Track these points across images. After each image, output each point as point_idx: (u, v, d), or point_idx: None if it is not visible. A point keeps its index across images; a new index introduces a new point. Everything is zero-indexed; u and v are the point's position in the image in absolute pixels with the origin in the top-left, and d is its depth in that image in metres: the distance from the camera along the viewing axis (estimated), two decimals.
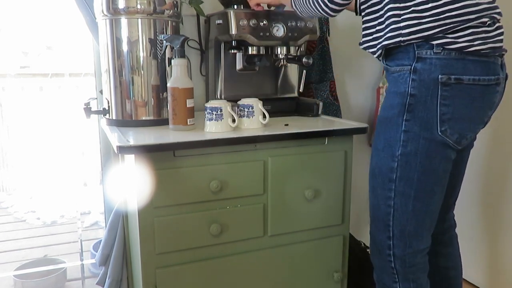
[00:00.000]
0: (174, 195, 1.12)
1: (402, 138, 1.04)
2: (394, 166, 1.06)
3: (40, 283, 1.90)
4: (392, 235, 1.11)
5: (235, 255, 1.23)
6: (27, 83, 3.70)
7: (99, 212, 2.96)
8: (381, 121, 1.11)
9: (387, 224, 1.11)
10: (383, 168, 1.09)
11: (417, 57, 1.01)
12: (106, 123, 1.36)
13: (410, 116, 1.03)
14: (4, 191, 3.69)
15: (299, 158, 1.24)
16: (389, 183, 1.08)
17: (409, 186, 1.06)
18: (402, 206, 1.08)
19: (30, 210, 3.19)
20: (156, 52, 1.29)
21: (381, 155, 1.09)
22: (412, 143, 1.03)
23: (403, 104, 1.03)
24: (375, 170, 1.12)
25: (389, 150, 1.07)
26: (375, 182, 1.13)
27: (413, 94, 1.02)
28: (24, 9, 3.56)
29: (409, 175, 1.05)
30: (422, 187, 1.06)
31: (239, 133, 1.18)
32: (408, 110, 1.03)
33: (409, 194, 1.07)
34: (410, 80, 1.02)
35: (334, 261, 1.36)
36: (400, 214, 1.09)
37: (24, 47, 3.79)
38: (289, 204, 1.25)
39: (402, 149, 1.04)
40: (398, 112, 1.04)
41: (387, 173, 1.08)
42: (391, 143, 1.06)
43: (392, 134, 1.06)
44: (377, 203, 1.13)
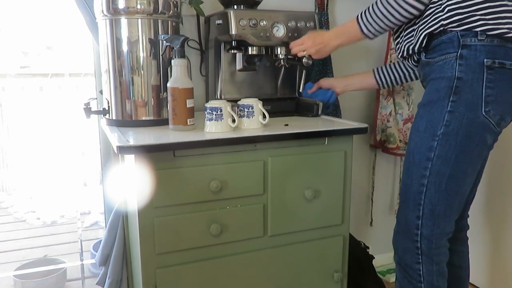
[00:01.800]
0: (174, 195, 1.12)
1: (446, 118, 1.10)
2: (433, 145, 1.12)
3: (40, 283, 1.90)
4: (421, 214, 1.17)
5: (235, 255, 1.23)
6: (27, 83, 3.70)
7: (99, 212, 2.96)
8: (424, 104, 1.16)
9: (418, 203, 1.17)
10: (422, 148, 1.14)
11: (462, 45, 1.08)
12: (106, 123, 1.36)
13: (456, 98, 1.09)
14: (4, 191, 3.69)
15: (299, 158, 1.24)
16: (426, 161, 1.14)
17: (445, 164, 1.12)
18: (435, 184, 1.14)
19: (30, 210, 3.19)
20: (156, 52, 1.29)
21: (421, 135, 1.15)
22: (455, 122, 1.09)
23: (450, 87, 1.10)
24: (414, 150, 1.17)
25: (431, 130, 1.12)
26: (411, 161, 1.18)
27: (460, 77, 1.08)
28: (24, 9, 3.56)
29: (447, 154, 1.11)
30: (457, 166, 1.12)
31: (239, 133, 1.18)
32: (455, 92, 1.09)
33: (444, 172, 1.13)
34: (457, 65, 1.09)
35: (334, 261, 1.36)
36: (432, 193, 1.14)
37: (24, 47, 3.79)
38: (289, 204, 1.25)
39: (444, 128, 1.10)
40: (444, 95, 1.11)
41: (425, 152, 1.14)
42: (433, 123, 1.12)
43: (436, 115, 1.12)
44: (410, 182, 1.18)
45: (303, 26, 1.42)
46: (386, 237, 2.21)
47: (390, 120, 1.91)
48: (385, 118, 1.92)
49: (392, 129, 1.91)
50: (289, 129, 1.24)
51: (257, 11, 1.42)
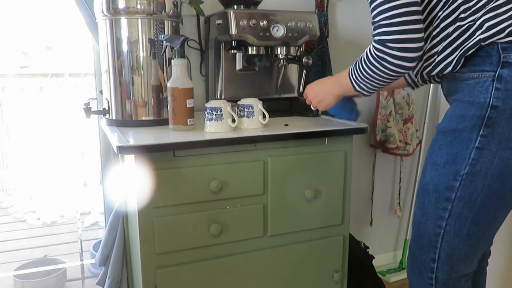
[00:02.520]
0: (174, 195, 1.12)
1: (472, 156, 0.92)
2: (455, 185, 0.95)
3: (40, 283, 1.90)
4: (437, 257, 1.02)
5: (235, 255, 1.23)
6: (27, 83, 3.70)
7: (99, 212, 2.96)
8: (445, 132, 0.97)
9: (433, 246, 1.01)
10: (441, 186, 0.97)
11: (502, 62, 0.87)
12: (106, 123, 1.36)
13: (488, 132, 0.90)
14: (4, 191, 3.69)
15: (299, 158, 1.24)
16: (445, 202, 0.97)
17: (469, 208, 0.95)
18: (455, 228, 0.98)
19: (30, 210, 3.20)
20: (156, 52, 1.29)
21: (440, 170, 0.97)
22: (484, 162, 0.91)
23: (481, 117, 0.90)
24: (429, 185, 1.00)
25: (452, 167, 0.95)
26: (426, 198, 1.01)
27: (496, 106, 0.88)
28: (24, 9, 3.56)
29: (471, 197, 0.94)
30: (484, 211, 0.95)
31: (239, 133, 1.18)
32: (487, 124, 0.89)
33: (467, 216, 0.96)
34: (493, 89, 0.88)
35: (334, 261, 1.36)
36: (451, 237, 0.99)
37: (24, 47, 3.79)
38: (289, 204, 1.25)
39: (469, 168, 0.92)
40: (472, 126, 0.91)
41: (444, 192, 0.97)
42: (456, 159, 0.94)
43: (459, 149, 0.93)
44: (425, 221, 1.02)
45: (303, 26, 1.42)
46: (386, 237, 2.23)
47: (390, 120, 1.91)
48: (385, 118, 1.92)
49: (392, 129, 1.91)
50: (289, 129, 1.24)
51: (257, 11, 1.42)
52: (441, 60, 0.97)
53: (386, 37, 0.94)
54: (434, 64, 0.99)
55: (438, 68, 0.98)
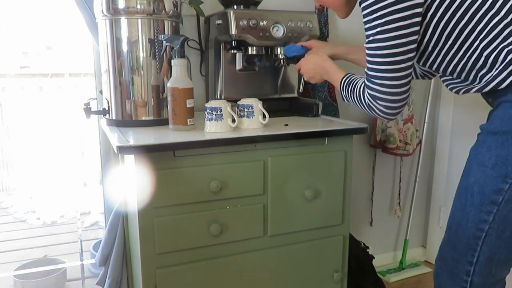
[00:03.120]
0: (174, 195, 1.12)
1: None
2: (504, 188, 0.93)
3: (40, 283, 1.90)
4: (476, 261, 0.99)
5: (235, 255, 1.23)
6: (27, 83, 3.70)
7: (99, 212, 2.96)
8: (496, 133, 0.95)
9: (472, 249, 0.99)
10: (487, 188, 0.95)
11: None
12: (106, 123, 1.36)
13: None
14: (4, 191, 3.69)
15: (299, 158, 1.24)
16: (490, 205, 0.95)
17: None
18: (498, 231, 0.95)
19: (30, 210, 3.19)
20: (156, 52, 1.29)
21: (487, 172, 0.95)
22: None
23: None
24: (474, 186, 0.98)
25: (502, 169, 0.92)
26: (469, 199, 0.99)
27: None
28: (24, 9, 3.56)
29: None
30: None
31: (239, 133, 1.18)
32: None
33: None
34: None
35: (334, 261, 1.36)
36: (493, 241, 0.96)
37: (24, 47, 3.79)
38: (289, 204, 1.25)
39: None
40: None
41: (490, 194, 0.94)
42: (507, 161, 0.92)
43: (510, 151, 0.92)
44: (465, 223, 0.99)
45: (303, 26, 1.42)
46: (386, 237, 2.23)
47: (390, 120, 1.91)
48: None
49: (392, 129, 1.91)
50: (289, 129, 1.24)
51: (257, 11, 1.42)
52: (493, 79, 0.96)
53: (378, 94, 1.02)
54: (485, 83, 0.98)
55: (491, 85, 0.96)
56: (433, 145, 2.21)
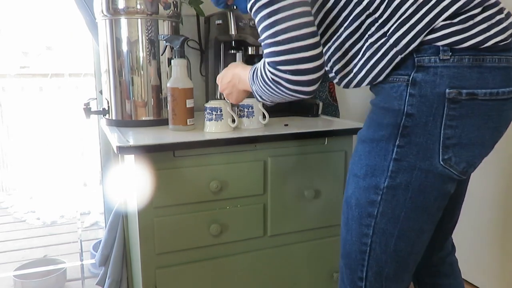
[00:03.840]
0: (174, 195, 1.12)
1: (390, 168, 0.84)
2: (376, 200, 0.86)
3: (40, 283, 1.90)
4: (365, 276, 0.93)
5: (235, 255, 1.23)
6: (27, 83, 3.70)
7: (99, 212, 2.96)
8: (363, 141, 0.89)
9: (360, 264, 0.93)
10: (362, 200, 0.89)
11: (417, 66, 0.80)
12: (106, 123, 1.36)
13: (404, 142, 0.82)
14: (4, 191, 3.69)
15: (299, 158, 1.24)
16: (368, 218, 0.89)
17: (392, 223, 0.87)
18: (381, 245, 0.89)
19: (30, 210, 3.19)
20: (156, 52, 1.29)
21: (360, 183, 0.89)
22: (403, 174, 0.83)
23: (396, 125, 0.82)
24: (351, 200, 0.91)
25: (372, 180, 0.86)
26: (349, 213, 0.93)
27: (410, 113, 0.80)
28: (24, 9, 3.57)
29: (394, 212, 0.86)
30: (409, 225, 0.87)
31: (239, 133, 1.18)
32: (402, 134, 0.82)
33: (392, 232, 0.88)
34: (407, 95, 0.80)
35: (334, 261, 1.36)
36: (378, 255, 0.90)
37: (24, 47, 3.79)
38: (289, 204, 1.25)
39: (389, 181, 0.85)
40: (388, 135, 0.84)
41: (365, 207, 0.88)
42: (375, 172, 0.86)
43: (377, 161, 0.85)
44: (350, 238, 0.93)
45: None
46: None
47: None
48: None
49: None
50: (289, 129, 1.24)
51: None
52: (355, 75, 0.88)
53: (275, 58, 0.82)
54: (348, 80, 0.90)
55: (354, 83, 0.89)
56: None
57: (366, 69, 0.85)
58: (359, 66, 0.86)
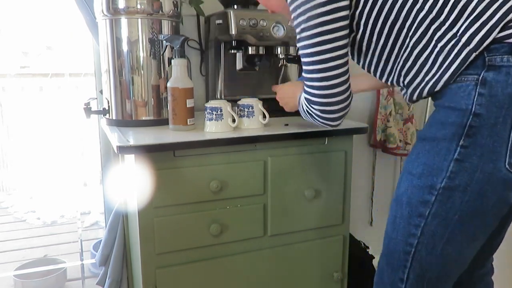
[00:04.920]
0: (174, 195, 1.12)
1: (450, 169, 0.81)
2: (430, 200, 0.85)
3: (40, 283, 1.90)
4: (406, 278, 0.91)
5: (235, 255, 1.23)
6: (27, 83, 3.70)
7: (99, 212, 2.96)
8: (423, 139, 0.88)
9: (402, 265, 0.91)
10: (414, 199, 0.87)
11: (488, 65, 0.78)
12: (106, 123, 1.36)
13: (469, 142, 0.80)
14: (4, 191, 3.69)
15: (299, 158, 1.24)
16: (418, 218, 0.87)
17: (443, 226, 0.85)
18: (427, 248, 0.87)
19: (30, 210, 3.19)
20: (156, 52, 1.29)
21: (414, 182, 0.87)
22: (463, 176, 0.81)
23: (462, 125, 0.80)
24: (403, 197, 0.90)
25: (428, 179, 0.84)
26: (398, 211, 0.91)
27: (478, 113, 0.78)
28: (24, 9, 3.56)
29: (447, 214, 0.84)
30: (461, 230, 0.85)
31: (239, 133, 1.18)
32: (468, 134, 0.79)
33: (442, 235, 0.86)
34: (476, 94, 0.78)
35: (334, 261, 1.36)
36: (423, 257, 0.88)
37: (24, 47, 3.79)
38: (289, 204, 1.25)
39: (447, 182, 0.82)
40: (452, 134, 0.81)
41: (417, 206, 0.87)
42: (432, 171, 0.84)
43: (437, 160, 0.83)
44: (396, 236, 0.92)
45: None
46: None
47: (390, 120, 1.91)
48: (385, 118, 1.92)
49: (392, 129, 1.91)
50: (289, 129, 1.24)
51: (257, 11, 1.42)
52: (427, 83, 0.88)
53: (310, 97, 0.99)
54: (419, 90, 0.90)
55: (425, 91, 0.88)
56: None
57: (440, 73, 0.84)
58: (433, 72, 0.86)
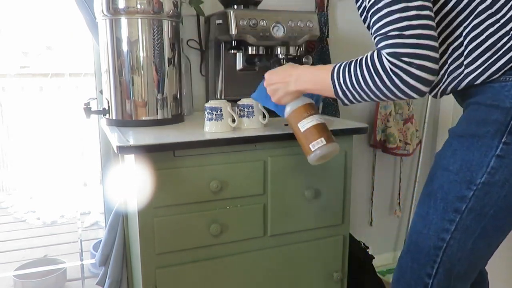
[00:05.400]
0: (174, 195, 1.12)
1: (491, 164, 0.83)
2: (468, 195, 0.86)
3: (40, 283, 1.90)
4: (435, 273, 0.92)
5: (235, 255, 1.23)
6: (27, 83, 3.70)
7: (99, 212, 2.96)
8: (461, 136, 0.88)
9: (432, 260, 0.92)
10: (450, 195, 0.88)
11: None
12: (106, 123, 1.36)
13: (511, 139, 0.81)
14: (4, 191, 3.69)
15: (299, 158, 1.24)
16: (453, 213, 0.88)
17: (478, 221, 0.87)
18: (460, 243, 0.89)
19: (30, 210, 3.19)
20: (156, 52, 1.29)
21: (451, 177, 0.88)
22: (503, 171, 0.82)
23: (505, 122, 0.81)
24: (437, 192, 0.90)
25: (467, 175, 0.86)
26: (432, 206, 0.92)
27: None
28: (24, 9, 3.56)
29: (483, 209, 0.85)
30: (493, 224, 0.87)
31: (239, 133, 1.18)
32: (511, 131, 0.81)
33: (475, 230, 0.87)
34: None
35: (334, 261, 1.36)
36: (454, 252, 0.90)
37: (24, 47, 3.79)
38: (289, 204, 1.25)
39: (487, 177, 0.84)
40: (494, 132, 0.82)
41: (453, 202, 0.88)
42: (472, 167, 0.85)
43: (476, 156, 0.84)
44: (427, 232, 0.92)
45: (303, 26, 1.42)
46: (386, 237, 2.23)
47: (390, 120, 1.92)
48: (385, 118, 1.92)
49: (392, 129, 1.91)
50: (289, 129, 1.24)
51: (257, 11, 1.42)
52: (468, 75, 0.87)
53: (400, 49, 0.80)
54: (460, 78, 0.88)
55: (466, 81, 0.87)
56: (433, 145, 2.21)
57: (484, 67, 0.84)
58: (477, 64, 0.85)
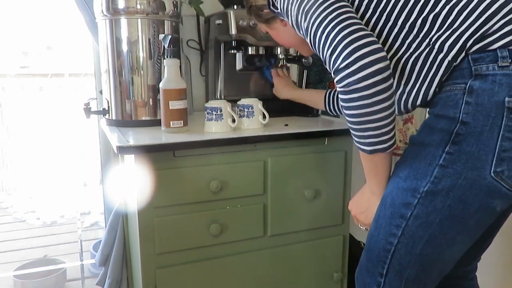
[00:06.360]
0: (174, 195, 1.12)
1: (434, 174, 0.83)
2: (412, 203, 0.86)
3: (40, 283, 1.90)
4: (385, 272, 0.93)
5: (235, 255, 1.23)
6: (27, 83, 3.70)
7: (99, 212, 2.96)
8: (413, 144, 0.89)
9: (382, 261, 0.93)
10: (397, 201, 0.88)
11: (474, 74, 0.79)
12: (106, 123, 1.36)
13: (454, 149, 0.80)
14: (4, 191, 3.69)
15: (299, 158, 1.24)
16: (399, 219, 0.88)
17: (424, 228, 0.86)
18: (407, 247, 0.89)
19: (30, 210, 3.19)
20: (156, 52, 1.29)
21: (399, 184, 0.88)
22: (446, 181, 0.82)
23: (449, 132, 0.81)
24: (388, 197, 0.91)
25: (413, 182, 0.86)
26: (381, 211, 0.93)
27: (465, 121, 0.79)
28: (24, 9, 3.56)
29: (428, 218, 0.85)
30: (441, 232, 0.86)
31: (239, 133, 1.18)
32: (454, 141, 0.80)
33: (422, 236, 0.87)
34: (463, 103, 0.79)
35: (334, 261, 1.36)
36: (402, 256, 0.90)
37: (24, 47, 3.79)
38: (289, 204, 1.25)
39: (430, 186, 0.83)
40: (439, 141, 0.82)
41: (399, 208, 0.88)
42: (417, 174, 0.85)
43: (422, 164, 0.85)
44: (377, 235, 0.93)
45: None
46: None
47: None
48: None
49: None
50: (289, 129, 1.24)
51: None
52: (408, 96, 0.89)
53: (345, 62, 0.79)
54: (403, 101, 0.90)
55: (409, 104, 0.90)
56: None
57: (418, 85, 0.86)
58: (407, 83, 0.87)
